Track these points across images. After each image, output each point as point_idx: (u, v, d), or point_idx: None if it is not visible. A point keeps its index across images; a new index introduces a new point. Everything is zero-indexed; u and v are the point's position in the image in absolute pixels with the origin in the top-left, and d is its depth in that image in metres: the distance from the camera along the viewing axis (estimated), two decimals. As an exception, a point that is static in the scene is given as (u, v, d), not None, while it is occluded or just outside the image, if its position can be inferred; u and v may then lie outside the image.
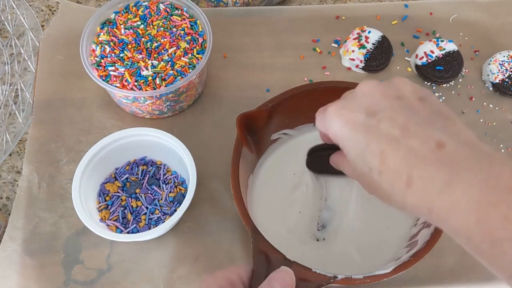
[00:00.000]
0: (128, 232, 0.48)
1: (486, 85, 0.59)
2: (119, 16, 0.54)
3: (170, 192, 0.49)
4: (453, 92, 0.58)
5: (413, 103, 0.30)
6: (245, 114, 0.44)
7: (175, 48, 0.52)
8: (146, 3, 0.55)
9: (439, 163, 0.27)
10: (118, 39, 0.52)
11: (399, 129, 0.29)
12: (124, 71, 0.50)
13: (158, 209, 0.49)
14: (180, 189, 0.50)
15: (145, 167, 0.51)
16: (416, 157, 0.28)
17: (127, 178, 0.51)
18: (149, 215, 0.48)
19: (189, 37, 0.53)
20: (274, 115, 0.47)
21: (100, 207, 0.49)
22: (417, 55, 0.59)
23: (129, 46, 0.52)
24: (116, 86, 0.50)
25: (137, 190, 0.50)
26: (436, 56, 0.58)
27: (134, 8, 0.54)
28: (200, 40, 0.53)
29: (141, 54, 0.51)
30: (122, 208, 0.49)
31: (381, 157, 0.29)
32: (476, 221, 0.25)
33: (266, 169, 0.51)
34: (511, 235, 0.24)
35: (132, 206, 0.49)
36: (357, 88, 0.33)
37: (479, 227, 0.25)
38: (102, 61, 0.51)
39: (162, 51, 0.52)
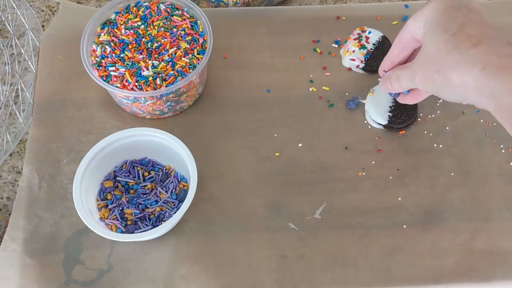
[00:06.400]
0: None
1: (486, 85, 0.59)
2: (119, 16, 0.54)
3: (170, 192, 0.49)
4: (453, 92, 0.58)
5: None
6: None
7: (175, 48, 0.52)
8: (146, 4, 0.55)
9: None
10: (118, 39, 0.52)
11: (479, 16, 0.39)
12: (125, 71, 0.50)
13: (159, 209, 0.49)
14: (183, 185, 0.50)
15: (145, 167, 0.51)
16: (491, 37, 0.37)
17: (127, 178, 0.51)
18: (149, 215, 0.48)
19: (190, 37, 0.53)
20: None
21: (99, 205, 0.49)
22: (417, 56, 0.59)
23: (130, 47, 0.52)
24: (117, 87, 0.50)
25: (138, 190, 0.50)
26: (436, 57, 0.58)
27: (134, 8, 0.54)
28: (201, 40, 0.53)
29: (141, 54, 0.51)
30: (122, 208, 0.49)
31: (461, 26, 0.38)
32: None
33: None
34: None
35: (132, 206, 0.49)
36: None
37: None
38: (102, 61, 0.51)
39: (163, 51, 0.52)
